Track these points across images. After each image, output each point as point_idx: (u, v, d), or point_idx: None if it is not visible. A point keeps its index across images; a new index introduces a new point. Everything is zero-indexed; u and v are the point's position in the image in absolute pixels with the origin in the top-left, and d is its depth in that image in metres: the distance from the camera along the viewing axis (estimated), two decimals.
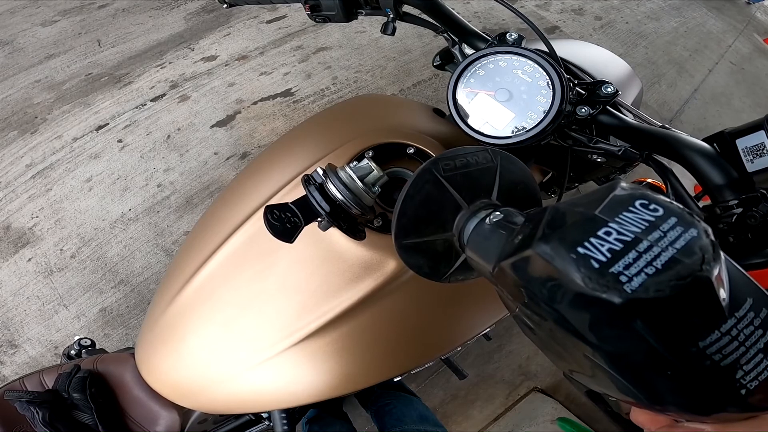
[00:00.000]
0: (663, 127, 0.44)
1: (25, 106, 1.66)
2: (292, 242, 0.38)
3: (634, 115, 0.49)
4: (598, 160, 0.50)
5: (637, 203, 0.19)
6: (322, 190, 0.39)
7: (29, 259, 1.33)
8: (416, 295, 0.51)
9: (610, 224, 0.18)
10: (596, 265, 0.18)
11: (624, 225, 0.18)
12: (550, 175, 0.71)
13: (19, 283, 1.30)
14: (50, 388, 0.62)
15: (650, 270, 0.17)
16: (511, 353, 1.35)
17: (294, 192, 0.52)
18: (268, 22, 1.96)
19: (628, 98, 0.68)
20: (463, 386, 1.28)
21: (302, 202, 0.39)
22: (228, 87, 1.71)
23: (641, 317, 0.17)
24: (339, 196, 0.39)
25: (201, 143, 1.57)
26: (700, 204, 0.40)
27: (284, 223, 0.37)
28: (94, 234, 1.38)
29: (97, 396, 0.60)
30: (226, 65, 1.79)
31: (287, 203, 0.38)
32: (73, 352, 0.81)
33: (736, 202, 0.38)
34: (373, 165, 0.42)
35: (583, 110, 0.47)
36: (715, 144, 0.40)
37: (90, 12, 2.01)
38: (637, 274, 0.17)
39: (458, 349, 0.59)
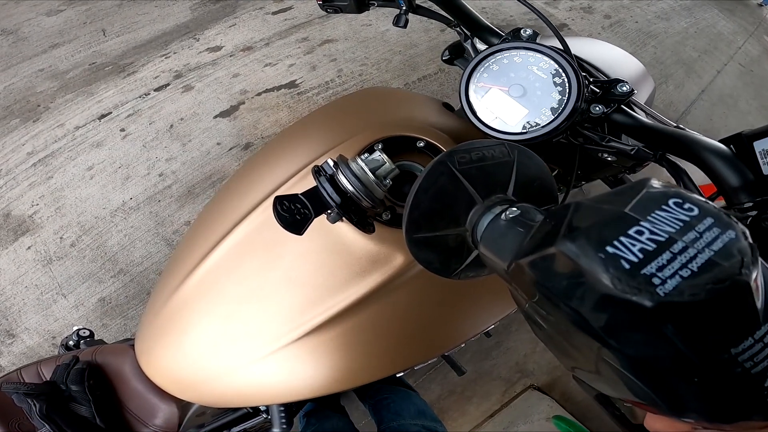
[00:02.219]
0: (677, 127, 0.43)
1: (28, 94, 1.65)
2: (301, 234, 0.37)
3: (647, 114, 0.48)
4: (609, 158, 0.50)
5: (670, 201, 0.18)
6: (333, 181, 0.38)
7: (29, 247, 1.33)
8: (422, 291, 0.50)
9: (642, 223, 0.18)
10: (627, 266, 0.17)
11: (657, 224, 0.17)
12: (555, 172, 0.70)
13: (18, 271, 1.30)
14: (48, 379, 0.61)
15: (685, 272, 0.16)
16: (509, 350, 1.35)
17: (302, 183, 0.52)
18: (274, 13, 1.94)
19: (640, 97, 0.67)
20: (461, 382, 1.28)
21: (312, 194, 0.38)
22: (232, 78, 1.70)
23: (673, 322, 0.16)
24: (350, 188, 0.38)
25: (204, 133, 1.56)
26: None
27: (294, 214, 0.36)
28: (94, 222, 1.37)
29: (95, 388, 0.59)
30: (230, 56, 1.77)
31: (297, 194, 0.37)
32: (71, 342, 0.81)
33: (750, 204, 0.37)
34: (385, 158, 0.41)
35: (597, 108, 0.46)
36: (731, 145, 0.39)
37: (96, 1, 1.99)
38: (672, 276, 0.16)
39: (462, 345, 0.59)
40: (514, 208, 0.27)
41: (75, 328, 0.83)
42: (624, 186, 0.20)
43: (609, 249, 0.17)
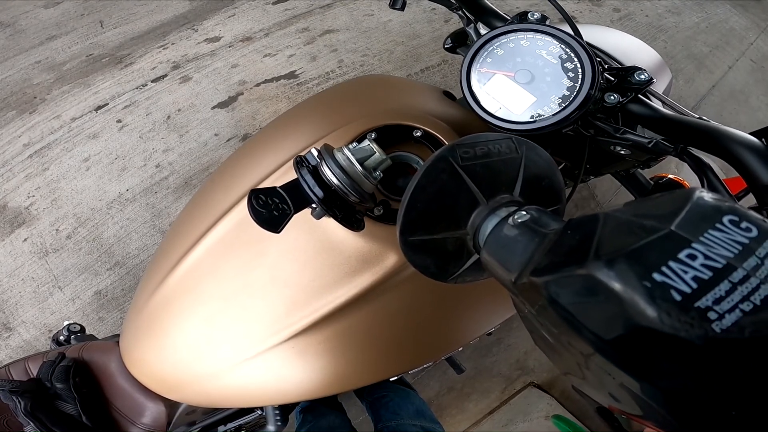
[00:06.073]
0: (700, 118, 0.40)
1: (25, 86, 1.63)
2: (278, 232, 0.33)
3: (665, 105, 0.44)
4: (622, 152, 0.46)
5: (725, 219, 0.15)
6: (315, 173, 0.34)
7: (25, 239, 1.31)
8: (417, 293, 0.47)
9: (695, 245, 0.15)
10: (678, 297, 0.14)
11: (712, 247, 0.15)
12: (563, 165, 0.66)
13: (14, 263, 1.28)
14: (34, 376, 0.60)
15: (747, 306, 0.14)
16: (510, 347, 1.33)
17: (287, 176, 0.48)
18: (274, 3, 1.90)
19: (657, 89, 0.63)
20: (460, 379, 1.27)
21: (293, 187, 0.34)
22: (231, 68, 1.67)
23: (727, 360, 0.14)
24: (335, 180, 0.34)
25: (201, 124, 1.53)
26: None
27: (271, 210, 0.33)
28: (90, 214, 1.35)
29: (81, 386, 0.58)
30: (229, 46, 1.74)
31: (275, 187, 0.34)
32: (62, 337, 0.79)
33: None
34: (375, 147, 0.37)
35: (612, 97, 0.42)
36: (763, 139, 0.36)
37: None
38: (731, 310, 0.14)
39: (459, 349, 0.56)
40: (523, 212, 0.25)
41: (65, 323, 0.81)
42: (660, 195, 0.17)
43: (656, 276, 0.15)
